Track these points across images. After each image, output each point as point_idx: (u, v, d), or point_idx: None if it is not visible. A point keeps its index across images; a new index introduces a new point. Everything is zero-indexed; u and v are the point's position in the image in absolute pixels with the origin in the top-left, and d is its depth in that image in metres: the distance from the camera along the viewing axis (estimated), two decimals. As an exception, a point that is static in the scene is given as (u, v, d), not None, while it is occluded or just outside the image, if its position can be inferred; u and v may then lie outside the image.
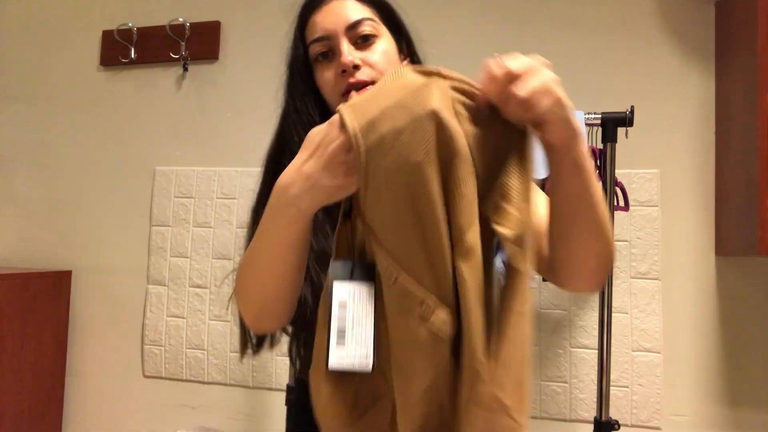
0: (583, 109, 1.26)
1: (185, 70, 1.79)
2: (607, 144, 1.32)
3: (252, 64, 1.76)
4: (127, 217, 1.81)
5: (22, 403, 1.62)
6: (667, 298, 1.45)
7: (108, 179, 1.84)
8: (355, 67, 0.76)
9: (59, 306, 1.77)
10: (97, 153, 1.85)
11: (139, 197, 1.80)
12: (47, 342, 1.72)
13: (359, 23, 0.78)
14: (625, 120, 1.29)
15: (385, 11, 0.84)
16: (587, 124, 1.31)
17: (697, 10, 1.48)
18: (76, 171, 1.86)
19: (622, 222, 1.47)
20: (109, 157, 1.84)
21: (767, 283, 1.40)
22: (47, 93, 1.91)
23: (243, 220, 1.69)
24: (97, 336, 1.80)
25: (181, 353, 1.72)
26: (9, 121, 1.94)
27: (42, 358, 1.70)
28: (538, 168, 0.57)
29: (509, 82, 0.53)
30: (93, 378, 1.79)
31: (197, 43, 1.78)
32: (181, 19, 1.77)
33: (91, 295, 1.81)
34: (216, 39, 1.78)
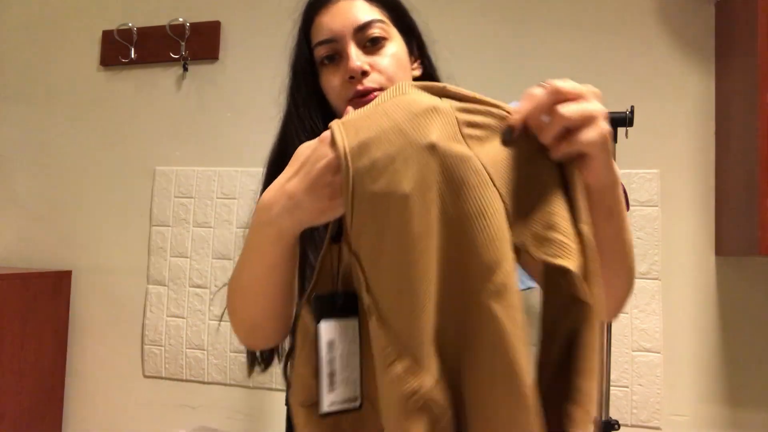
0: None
1: (185, 70, 1.79)
2: (608, 144, 1.31)
3: (252, 64, 1.76)
4: (127, 217, 1.81)
5: (22, 403, 1.62)
6: (667, 298, 1.45)
7: (108, 179, 1.84)
8: (364, 73, 0.71)
9: (59, 306, 1.77)
10: (97, 153, 1.85)
11: (139, 197, 1.80)
12: (47, 342, 1.72)
13: (368, 25, 0.73)
14: (625, 120, 1.28)
15: (396, 11, 0.79)
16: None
17: (697, 10, 1.48)
18: (76, 171, 1.86)
19: (622, 222, 1.47)
20: (109, 157, 1.84)
21: (767, 283, 1.40)
22: (47, 93, 1.91)
23: (243, 220, 1.69)
24: (97, 336, 1.80)
25: (181, 353, 1.72)
26: (9, 121, 1.94)
27: (42, 358, 1.70)
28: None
29: (555, 102, 0.48)
30: (93, 378, 1.79)
31: (197, 43, 1.78)
32: (181, 19, 1.77)
33: (91, 295, 1.81)
34: (216, 39, 1.78)
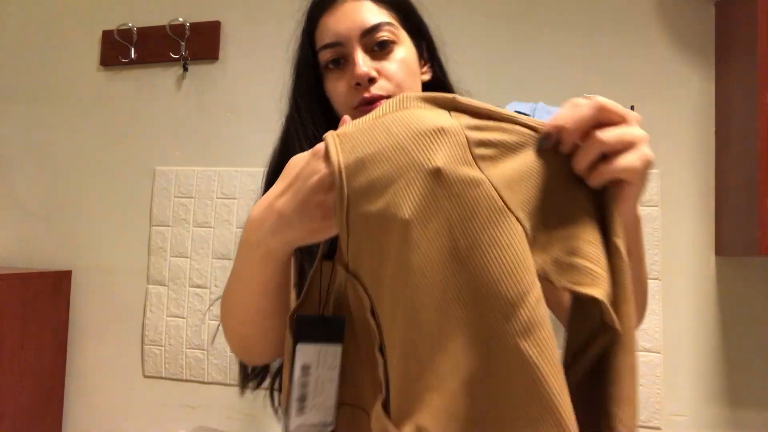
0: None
1: (185, 70, 1.79)
2: (607, 144, 1.31)
3: (252, 64, 1.75)
4: (127, 217, 1.81)
5: (22, 403, 1.62)
6: (667, 298, 1.45)
7: (108, 179, 1.83)
8: (371, 80, 0.68)
9: (59, 306, 1.77)
10: (97, 153, 1.85)
11: (139, 197, 1.80)
12: (47, 342, 1.72)
13: (376, 28, 0.69)
14: (625, 120, 1.28)
15: (405, 12, 0.75)
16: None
17: (697, 10, 1.48)
18: (76, 171, 1.86)
19: (622, 222, 1.47)
20: (109, 157, 1.84)
21: (767, 283, 1.40)
22: (47, 93, 1.91)
23: (243, 220, 1.69)
24: (97, 336, 1.80)
25: (181, 353, 1.72)
26: (9, 121, 1.94)
27: (42, 358, 1.70)
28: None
29: (597, 119, 0.44)
30: (93, 378, 1.79)
31: (197, 43, 1.78)
32: (181, 19, 1.76)
33: (91, 295, 1.81)
34: (216, 39, 1.77)
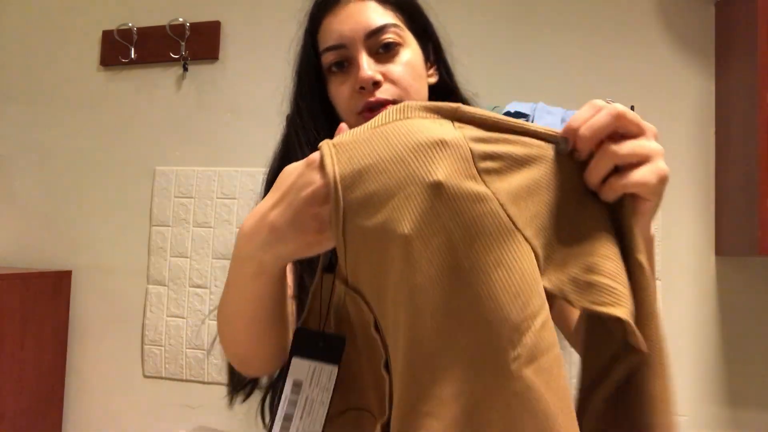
0: (583, 109, 1.26)
1: (185, 70, 1.79)
2: (607, 144, 1.31)
3: (252, 64, 1.75)
4: (127, 217, 1.80)
5: (22, 403, 1.62)
6: (667, 298, 1.45)
7: (108, 179, 1.83)
8: (375, 83, 0.66)
9: (59, 306, 1.77)
10: (97, 153, 1.85)
11: (139, 197, 1.80)
12: (47, 342, 1.72)
13: (381, 30, 0.67)
14: (625, 120, 1.28)
15: (411, 13, 0.73)
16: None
17: (697, 10, 1.48)
18: (76, 171, 1.86)
19: (622, 222, 1.47)
20: (109, 157, 1.84)
21: (767, 283, 1.40)
22: (47, 93, 1.91)
23: (243, 220, 1.69)
24: (97, 336, 1.80)
25: (181, 353, 1.72)
26: (9, 121, 1.94)
27: (42, 358, 1.70)
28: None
29: (614, 127, 0.43)
30: (93, 378, 1.79)
31: (197, 43, 1.78)
32: (181, 19, 1.76)
33: (91, 295, 1.81)
34: (216, 39, 1.77)
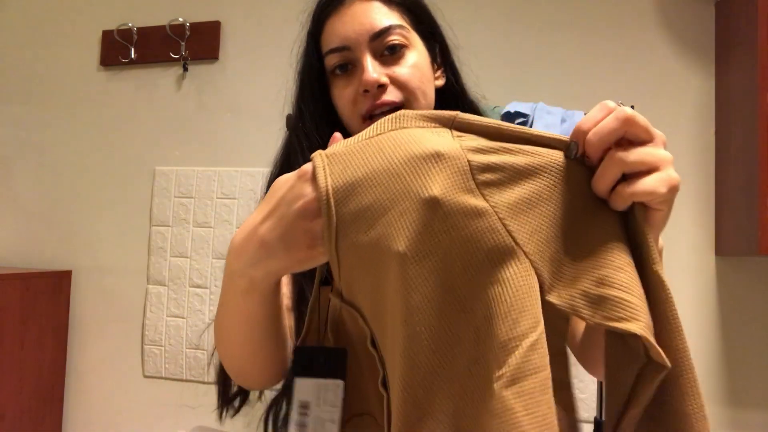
0: (583, 109, 1.26)
1: (185, 70, 1.79)
2: (607, 144, 1.31)
3: (252, 64, 1.75)
4: (127, 217, 1.80)
5: (22, 403, 1.62)
6: (667, 298, 1.45)
7: (108, 179, 1.83)
8: (380, 86, 0.63)
9: (59, 306, 1.76)
10: (97, 153, 1.85)
11: (139, 197, 1.80)
12: (47, 342, 1.72)
13: (386, 32, 0.65)
14: (625, 120, 1.28)
15: (417, 14, 0.70)
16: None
17: (697, 10, 1.48)
18: (76, 171, 1.86)
19: (622, 222, 1.47)
20: (109, 157, 1.84)
21: (767, 283, 1.40)
22: (47, 93, 1.91)
23: (243, 220, 1.69)
24: (97, 336, 1.80)
25: (181, 353, 1.72)
26: (9, 121, 1.94)
27: (42, 358, 1.70)
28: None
29: (622, 131, 0.41)
30: (93, 378, 1.79)
31: (197, 43, 1.78)
32: (181, 19, 1.76)
33: (91, 295, 1.81)
34: (216, 39, 1.77)
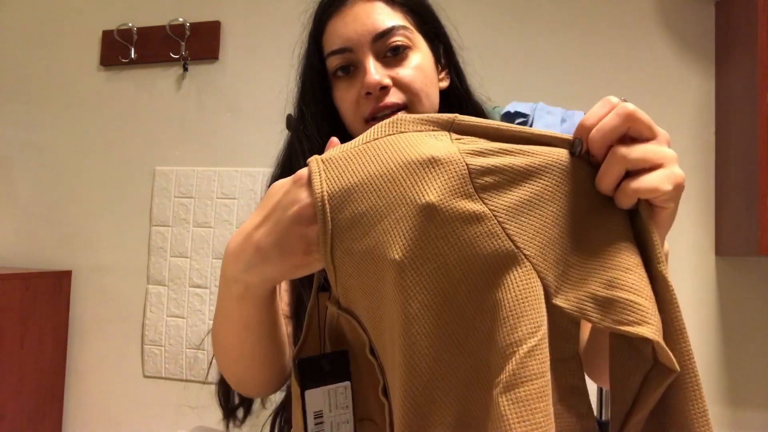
0: (583, 109, 1.26)
1: (185, 70, 1.79)
2: (607, 144, 1.31)
3: (252, 64, 1.75)
4: (127, 217, 1.80)
5: (22, 403, 1.62)
6: (667, 298, 1.45)
7: (108, 179, 1.83)
8: (383, 88, 0.62)
9: (59, 306, 1.76)
10: (97, 153, 1.85)
11: (139, 197, 1.80)
12: (47, 342, 1.72)
13: (389, 33, 0.64)
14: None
15: (421, 14, 0.69)
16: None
17: (697, 10, 1.48)
18: (76, 171, 1.86)
19: (622, 222, 1.47)
20: (109, 157, 1.84)
21: (767, 283, 1.40)
22: (47, 93, 1.91)
23: (243, 220, 1.69)
24: (97, 336, 1.80)
25: (181, 353, 1.72)
26: (9, 121, 1.93)
27: (42, 358, 1.70)
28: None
29: (624, 128, 0.41)
30: (93, 378, 1.79)
31: (197, 43, 1.78)
32: (181, 19, 1.76)
33: (91, 295, 1.81)
34: (216, 39, 1.77)
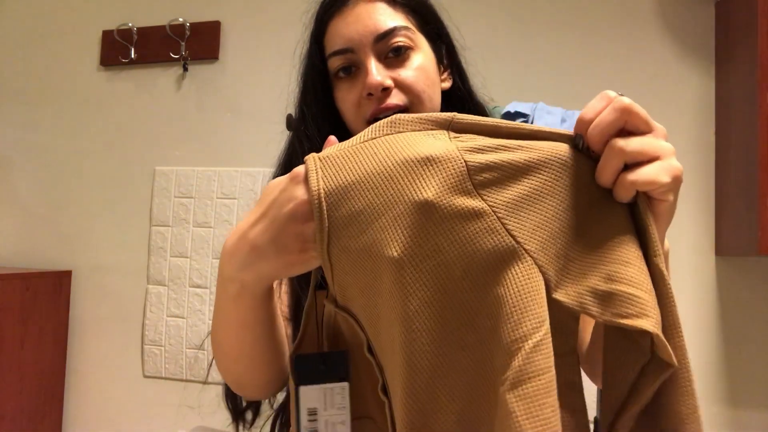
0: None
1: (185, 70, 1.79)
2: (607, 144, 1.32)
3: (252, 64, 1.75)
4: (127, 217, 1.80)
5: (22, 403, 1.62)
6: (667, 298, 1.45)
7: (108, 179, 1.83)
8: (385, 89, 0.62)
9: (59, 306, 1.76)
10: (97, 153, 1.85)
11: (139, 197, 1.80)
12: (47, 342, 1.72)
13: (391, 34, 0.63)
14: (625, 120, 1.29)
15: (423, 14, 0.69)
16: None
17: (697, 10, 1.48)
18: (76, 171, 1.86)
19: (622, 222, 1.47)
20: (109, 157, 1.84)
21: (767, 283, 1.40)
22: (47, 93, 1.91)
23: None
24: (97, 336, 1.80)
25: (181, 353, 1.72)
26: (9, 121, 1.93)
27: (42, 358, 1.70)
28: None
29: (620, 122, 0.42)
30: (93, 378, 1.79)
31: (197, 43, 1.78)
32: (181, 19, 1.76)
33: (91, 295, 1.81)
34: (216, 39, 1.77)
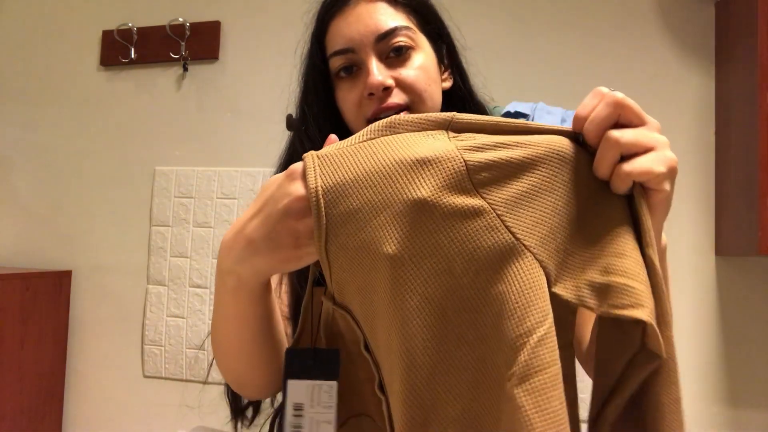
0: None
1: (185, 70, 1.79)
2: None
3: (252, 64, 1.75)
4: (127, 217, 1.80)
5: (22, 403, 1.62)
6: (667, 298, 1.45)
7: (108, 179, 1.83)
8: (386, 89, 0.62)
9: (59, 306, 1.76)
10: (97, 153, 1.85)
11: (139, 197, 1.80)
12: (47, 342, 1.72)
13: (392, 34, 0.63)
14: (625, 120, 1.29)
15: (424, 14, 0.69)
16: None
17: (697, 10, 1.48)
18: (76, 171, 1.86)
19: (622, 222, 1.47)
20: (109, 157, 1.84)
21: (767, 283, 1.40)
22: (47, 93, 1.91)
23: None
24: (97, 336, 1.80)
25: (181, 353, 1.72)
26: (9, 121, 1.93)
27: (42, 358, 1.70)
28: None
29: (614, 116, 0.42)
30: (93, 378, 1.79)
31: (197, 43, 1.78)
32: (181, 19, 1.76)
33: (91, 295, 1.81)
34: (216, 39, 1.77)
